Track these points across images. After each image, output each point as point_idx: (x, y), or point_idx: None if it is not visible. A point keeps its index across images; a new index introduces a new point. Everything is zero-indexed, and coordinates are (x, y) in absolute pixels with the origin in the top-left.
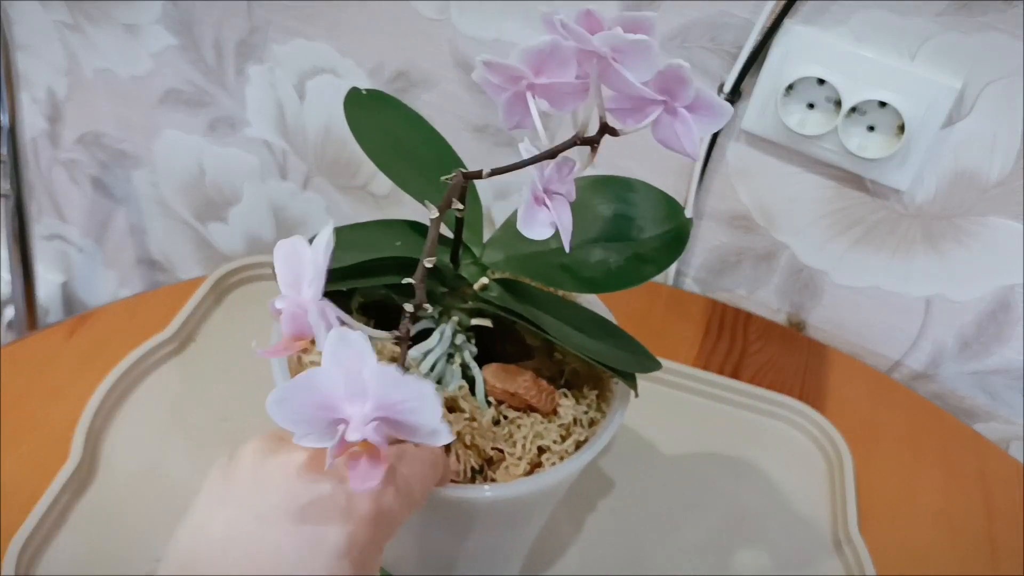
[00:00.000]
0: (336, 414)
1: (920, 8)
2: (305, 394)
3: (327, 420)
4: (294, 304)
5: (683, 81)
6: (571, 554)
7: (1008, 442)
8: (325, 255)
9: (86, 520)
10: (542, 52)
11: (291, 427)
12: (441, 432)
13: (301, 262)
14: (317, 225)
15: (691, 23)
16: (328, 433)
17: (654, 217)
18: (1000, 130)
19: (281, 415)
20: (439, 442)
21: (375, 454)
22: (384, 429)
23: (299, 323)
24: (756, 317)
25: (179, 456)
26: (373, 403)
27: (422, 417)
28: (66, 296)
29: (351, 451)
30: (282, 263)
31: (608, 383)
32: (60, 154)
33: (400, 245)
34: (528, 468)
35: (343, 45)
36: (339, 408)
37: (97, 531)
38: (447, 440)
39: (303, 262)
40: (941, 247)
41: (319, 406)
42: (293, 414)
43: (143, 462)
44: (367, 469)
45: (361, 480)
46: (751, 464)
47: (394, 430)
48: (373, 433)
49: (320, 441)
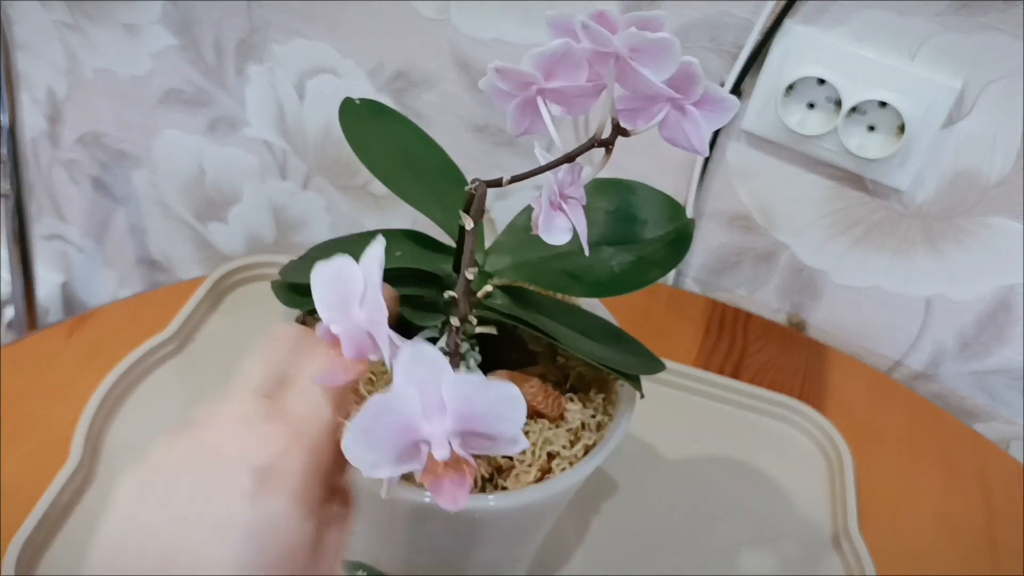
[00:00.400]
0: (416, 435)
1: (920, 8)
2: (385, 419)
3: (407, 442)
4: (351, 326)
5: (694, 78)
6: (575, 555)
7: (1008, 442)
8: (379, 271)
9: (86, 520)
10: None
11: (369, 457)
12: (520, 440)
13: (349, 282)
14: (317, 225)
15: (691, 23)
16: (404, 458)
17: (656, 219)
18: (1000, 130)
19: (363, 445)
20: (517, 450)
21: (459, 468)
22: (466, 443)
23: (359, 345)
24: (756, 317)
25: None
26: (454, 418)
27: (506, 425)
28: (66, 296)
29: (435, 471)
30: (325, 285)
31: (613, 386)
32: (60, 154)
33: (400, 255)
34: (538, 475)
35: (343, 45)
36: (419, 428)
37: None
38: (524, 447)
39: (351, 282)
40: (941, 247)
41: (399, 429)
42: (373, 442)
43: None
44: (454, 486)
45: (451, 499)
46: (751, 464)
47: (473, 443)
48: (459, 448)
49: (393, 469)
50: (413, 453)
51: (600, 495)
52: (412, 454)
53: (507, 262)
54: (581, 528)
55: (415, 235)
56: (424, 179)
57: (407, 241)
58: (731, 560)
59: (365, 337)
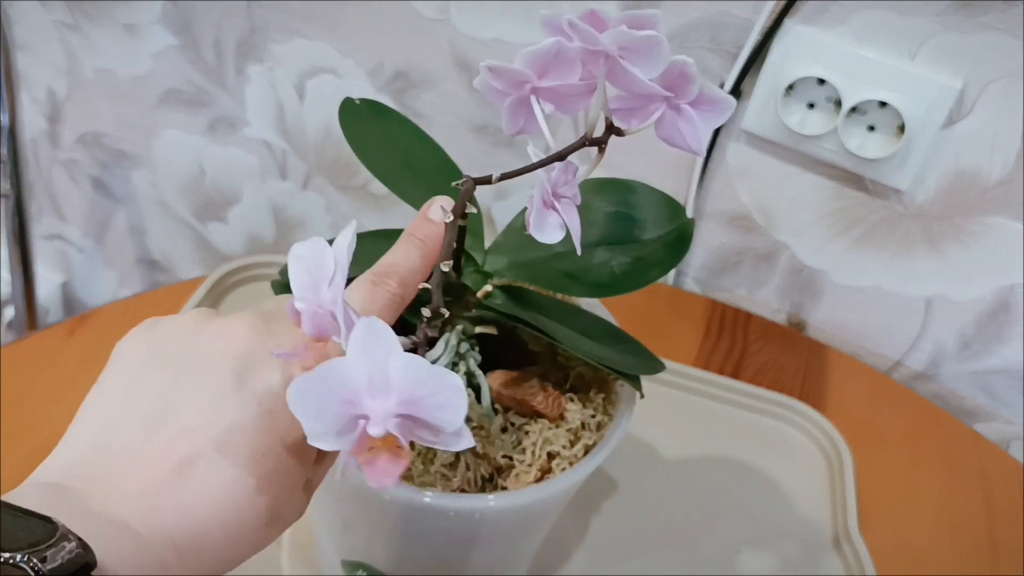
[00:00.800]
0: (357, 410)
1: (920, 8)
2: (329, 386)
3: (348, 416)
4: (315, 304)
5: (688, 77)
6: (575, 555)
7: (1008, 442)
8: (348, 254)
9: None
10: (547, 54)
11: (310, 422)
12: (464, 435)
13: (321, 263)
14: (317, 225)
15: (691, 23)
16: (345, 431)
17: (656, 219)
18: (1000, 130)
19: (302, 407)
20: (461, 446)
21: (395, 451)
22: (406, 428)
23: (321, 323)
24: (756, 317)
25: None
26: (397, 398)
27: (448, 414)
28: (66, 296)
29: (370, 449)
30: (299, 265)
31: (613, 386)
32: (60, 154)
33: None
34: (538, 475)
35: (343, 45)
36: (361, 403)
37: None
38: (469, 444)
39: (323, 263)
40: (941, 247)
41: (342, 400)
42: (315, 407)
43: None
44: (386, 466)
45: (380, 477)
46: (751, 464)
47: (414, 431)
48: (396, 428)
49: (336, 442)
50: (352, 427)
51: (600, 495)
52: (351, 427)
53: (506, 262)
54: (581, 528)
55: None
56: (424, 179)
57: None
58: (731, 560)
59: (328, 316)
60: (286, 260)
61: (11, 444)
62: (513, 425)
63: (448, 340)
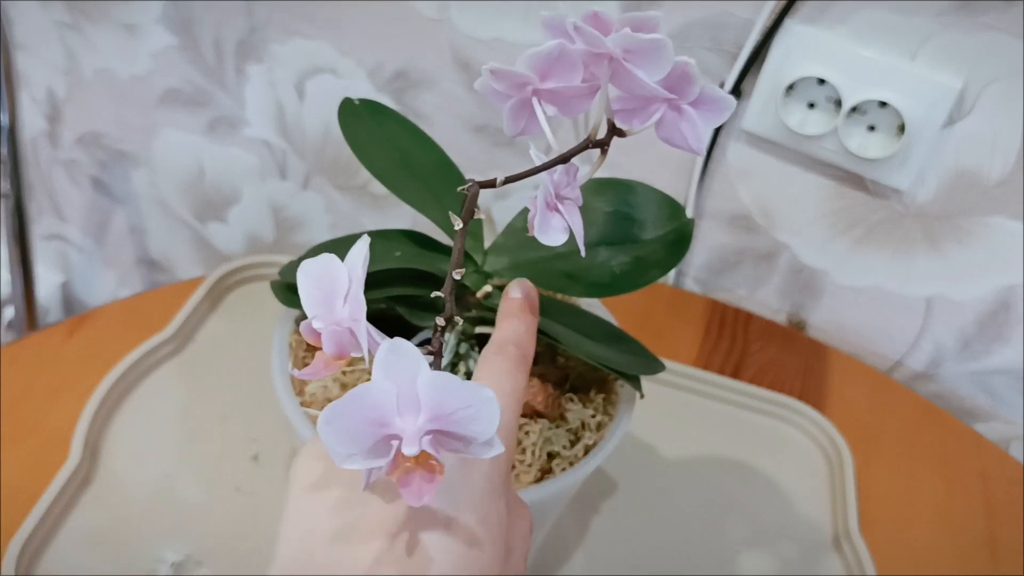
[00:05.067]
0: (388, 430)
1: (920, 8)
2: (358, 410)
3: (378, 437)
4: (332, 322)
5: (689, 78)
6: (575, 555)
7: (1008, 442)
8: (363, 268)
9: (86, 521)
10: (549, 56)
11: (341, 447)
12: (495, 444)
13: (335, 279)
14: (317, 225)
15: (691, 23)
16: (377, 452)
17: (656, 219)
18: (1001, 130)
19: (333, 435)
20: (491, 454)
21: (429, 467)
22: (438, 442)
23: (341, 341)
24: (756, 317)
25: (179, 456)
26: (427, 415)
27: (480, 426)
28: (66, 296)
29: (404, 467)
30: (310, 282)
31: (613, 386)
32: (60, 154)
33: (400, 255)
34: (538, 475)
35: (343, 45)
36: (391, 423)
37: (97, 531)
38: (499, 452)
39: (337, 279)
40: (942, 247)
41: (372, 422)
42: (346, 433)
43: (143, 462)
44: (422, 484)
45: (416, 496)
46: (751, 464)
47: (446, 444)
48: (429, 445)
49: (366, 462)
50: (385, 448)
51: (600, 495)
52: (384, 449)
53: (506, 262)
54: (581, 528)
55: (414, 235)
56: (423, 179)
57: (406, 241)
58: (731, 560)
59: (347, 334)
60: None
61: (11, 444)
62: None
63: (448, 341)
